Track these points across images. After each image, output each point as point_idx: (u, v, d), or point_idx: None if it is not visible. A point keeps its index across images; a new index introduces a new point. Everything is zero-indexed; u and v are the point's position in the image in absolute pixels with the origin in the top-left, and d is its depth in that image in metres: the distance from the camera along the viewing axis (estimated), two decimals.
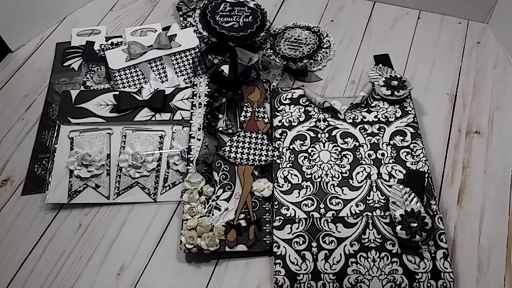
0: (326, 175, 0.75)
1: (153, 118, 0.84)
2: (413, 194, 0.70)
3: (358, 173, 0.75)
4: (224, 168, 0.78)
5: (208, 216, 0.73)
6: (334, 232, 0.70)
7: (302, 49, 0.96)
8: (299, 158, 0.77)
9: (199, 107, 0.84)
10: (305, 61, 0.94)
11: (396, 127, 0.79)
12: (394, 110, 0.81)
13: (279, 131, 0.80)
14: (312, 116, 0.81)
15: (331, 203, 0.72)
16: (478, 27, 1.01)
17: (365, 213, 0.71)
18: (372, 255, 0.68)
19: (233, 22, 0.94)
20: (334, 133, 0.79)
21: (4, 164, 0.83)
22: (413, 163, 0.75)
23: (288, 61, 0.94)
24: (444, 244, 0.68)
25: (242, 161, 0.78)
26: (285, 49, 0.96)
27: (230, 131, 0.81)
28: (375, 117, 0.81)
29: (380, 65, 0.87)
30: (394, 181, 0.74)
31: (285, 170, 0.76)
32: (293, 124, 0.81)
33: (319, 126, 0.80)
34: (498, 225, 0.74)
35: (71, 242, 0.74)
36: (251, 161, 0.78)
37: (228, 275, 0.71)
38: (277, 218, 0.71)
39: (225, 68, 0.88)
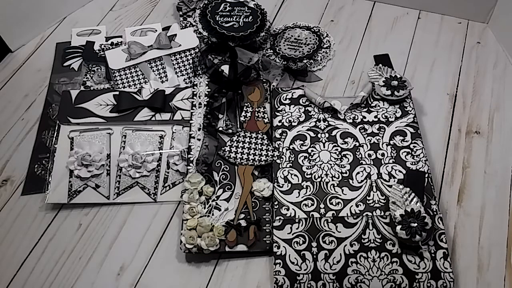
0: (326, 175, 0.75)
1: (153, 118, 0.84)
2: (413, 194, 0.70)
3: (358, 173, 0.75)
4: (224, 168, 0.78)
5: (208, 216, 0.73)
6: (334, 232, 0.70)
7: (302, 49, 0.96)
8: (299, 158, 0.77)
9: (199, 107, 0.84)
10: (305, 61, 0.94)
11: (396, 127, 0.79)
12: (394, 110, 0.81)
13: (279, 131, 0.80)
14: (312, 116, 0.81)
15: (331, 203, 0.72)
16: (478, 27, 1.01)
17: (365, 213, 0.71)
18: (372, 255, 0.68)
19: (233, 22, 0.94)
20: (334, 133, 0.79)
21: (4, 164, 0.83)
22: (413, 163, 0.75)
23: (288, 61, 0.94)
24: (444, 244, 0.68)
25: (242, 161, 0.78)
26: (285, 49, 0.96)
27: (230, 131, 0.81)
28: (375, 117, 0.81)
29: (380, 65, 0.87)
30: (394, 181, 0.74)
31: (285, 170, 0.76)
32: (293, 124, 0.81)
33: (319, 126, 0.80)
34: (498, 225, 0.74)
35: (71, 242, 0.74)
36: (251, 161, 0.78)
37: (228, 275, 0.71)
38: (277, 218, 0.71)
39: (225, 68, 0.88)
